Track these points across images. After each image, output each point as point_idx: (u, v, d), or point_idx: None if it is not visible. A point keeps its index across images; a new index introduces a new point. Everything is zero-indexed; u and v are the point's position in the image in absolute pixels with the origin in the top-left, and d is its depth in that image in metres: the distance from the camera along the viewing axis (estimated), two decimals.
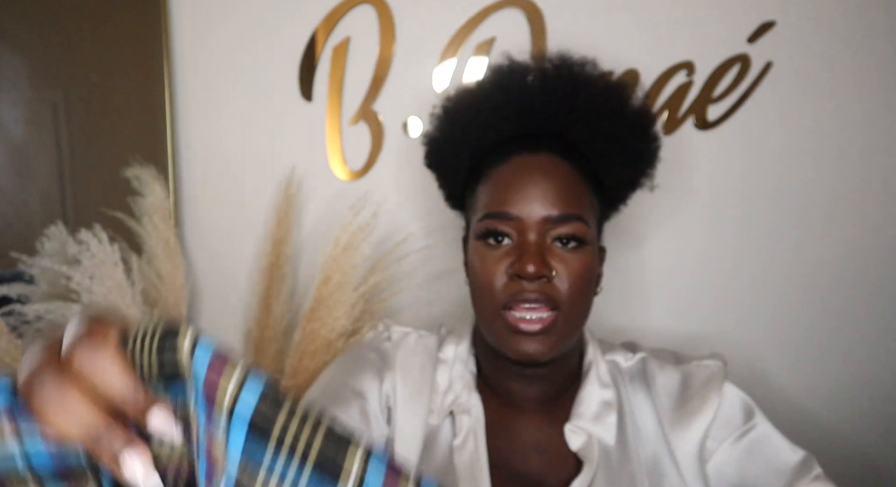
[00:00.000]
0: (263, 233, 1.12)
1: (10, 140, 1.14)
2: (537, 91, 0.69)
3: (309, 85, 1.09)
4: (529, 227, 0.65)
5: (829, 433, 1.07)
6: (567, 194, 0.65)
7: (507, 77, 0.72)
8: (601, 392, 0.71)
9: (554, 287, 0.64)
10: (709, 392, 0.69)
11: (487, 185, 0.68)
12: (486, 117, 0.70)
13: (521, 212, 0.65)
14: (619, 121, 0.69)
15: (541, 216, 0.64)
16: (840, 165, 1.01)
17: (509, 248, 0.66)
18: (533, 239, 0.64)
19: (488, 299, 0.66)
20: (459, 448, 0.69)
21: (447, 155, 0.75)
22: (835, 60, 0.99)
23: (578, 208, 0.65)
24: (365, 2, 1.05)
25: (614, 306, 1.07)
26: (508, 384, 0.72)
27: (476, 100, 0.72)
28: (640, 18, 1.01)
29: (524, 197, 0.65)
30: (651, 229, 1.07)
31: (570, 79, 0.70)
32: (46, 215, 1.13)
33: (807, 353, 1.07)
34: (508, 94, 0.70)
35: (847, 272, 1.04)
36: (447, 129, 0.75)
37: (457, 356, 0.75)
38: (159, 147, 1.11)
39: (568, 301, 0.64)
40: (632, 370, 0.74)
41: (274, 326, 1.08)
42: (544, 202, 0.64)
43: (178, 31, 1.11)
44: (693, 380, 0.71)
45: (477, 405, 0.72)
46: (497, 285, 0.65)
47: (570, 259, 0.65)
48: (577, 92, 0.69)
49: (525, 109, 0.69)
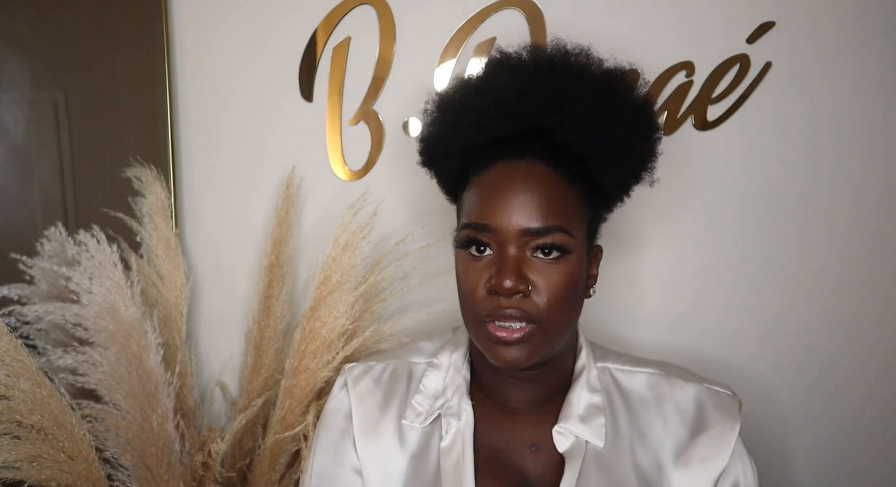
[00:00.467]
0: (263, 233, 1.12)
1: (10, 140, 1.14)
2: (523, 89, 0.67)
3: (309, 85, 1.09)
4: (508, 239, 0.64)
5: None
6: (548, 205, 0.63)
7: (493, 74, 0.70)
8: (590, 396, 0.72)
9: (531, 302, 0.64)
10: (726, 425, 0.70)
11: (471, 192, 0.68)
12: (472, 117, 0.68)
13: (499, 224, 0.64)
14: (613, 118, 0.66)
15: (520, 228, 0.63)
16: (839, 166, 1.02)
17: (489, 260, 0.65)
18: (512, 252, 0.64)
19: (470, 310, 0.67)
20: (446, 450, 0.71)
21: (438, 155, 0.75)
22: (834, 61, 0.99)
23: (560, 218, 0.64)
24: (365, 2, 1.05)
25: (605, 306, 1.08)
26: (502, 388, 0.73)
27: (462, 99, 0.71)
28: (640, 18, 1.02)
29: (503, 209, 0.64)
30: (649, 229, 1.07)
31: (560, 74, 0.67)
32: (47, 215, 1.13)
33: (808, 365, 1.07)
34: (494, 92, 0.68)
35: (847, 273, 1.04)
36: (436, 129, 0.74)
37: (451, 362, 0.77)
38: (159, 147, 1.11)
39: (546, 315, 0.64)
40: (638, 384, 0.75)
41: (274, 326, 1.08)
42: (523, 214, 0.63)
43: (178, 31, 1.11)
44: (707, 407, 0.72)
45: (467, 409, 0.73)
46: (478, 297, 0.66)
47: (551, 271, 0.64)
48: (567, 89, 0.66)
49: (510, 109, 0.67)
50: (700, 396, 0.73)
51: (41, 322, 1.01)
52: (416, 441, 0.73)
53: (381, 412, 0.75)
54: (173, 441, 0.98)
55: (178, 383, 1.01)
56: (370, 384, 0.77)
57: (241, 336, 1.13)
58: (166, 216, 1.09)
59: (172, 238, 1.09)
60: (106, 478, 0.96)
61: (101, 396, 0.96)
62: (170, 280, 1.08)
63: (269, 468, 1.03)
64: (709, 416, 0.71)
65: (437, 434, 0.73)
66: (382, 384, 0.77)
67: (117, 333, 0.94)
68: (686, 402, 0.72)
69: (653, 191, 0.78)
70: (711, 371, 0.99)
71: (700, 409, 0.72)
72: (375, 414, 0.75)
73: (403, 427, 0.74)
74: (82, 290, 0.93)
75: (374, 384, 0.77)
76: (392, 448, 0.73)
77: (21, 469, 0.90)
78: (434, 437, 0.73)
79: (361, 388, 0.77)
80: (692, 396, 0.73)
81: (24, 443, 0.90)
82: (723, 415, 0.71)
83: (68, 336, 0.99)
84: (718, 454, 0.69)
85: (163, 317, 1.06)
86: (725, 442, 0.70)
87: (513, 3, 1.02)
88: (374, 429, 0.74)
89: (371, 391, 0.77)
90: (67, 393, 0.93)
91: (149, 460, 0.96)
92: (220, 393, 1.15)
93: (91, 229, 0.97)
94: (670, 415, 0.72)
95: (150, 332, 0.97)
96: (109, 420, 0.95)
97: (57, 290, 1.05)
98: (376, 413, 0.75)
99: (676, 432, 0.71)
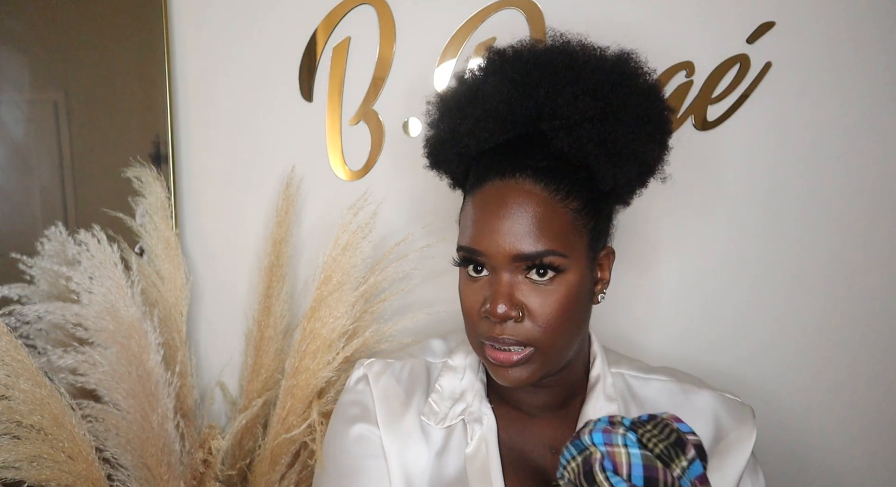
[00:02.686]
0: (263, 233, 1.12)
1: (10, 140, 1.14)
2: (514, 95, 0.65)
3: (309, 85, 1.09)
4: (500, 265, 0.63)
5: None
6: (540, 228, 0.62)
7: (483, 82, 0.67)
8: (606, 405, 0.72)
9: (525, 328, 0.63)
10: (742, 432, 0.70)
11: (465, 212, 0.67)
12: (467, 126, 0.67)
13: (488, 249, 0.63)
14: (611, 121, 0.62)
15: (511, 254, 0.62)
16: (840, 166, 1.01)
17: (486, 280, 0.65)
18: (504, 278, 0.63)
19: (470, 330, 0.68)
20: (472, 456, 0.70)
21: (441, 160, 0.74)
22: (834, 61, 0.99)
23: (553, 240, 0.62)
24: (365, 2, 1.05)
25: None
26: (515, 394, 0.73)
27: (457, 107, 0.69)
28: (640, 18, 1.01)
29: (493, 233, 0.62)
30: (647, 229, 1.07)
31: (550, 75, 0.64)
32: (47, 215, 1.13)
33: (806, 365, 1.07)
34: (485, 101, 0.66)
35: (848, 273, 1.04)
36: (436, 134, 0.73)
37: (468, 365, 0.77)
38: (160, 147, 1.11)
39: (543, 339, 0.63)
40: (652, 391, 0.74)
41: (274, 326, 1.08)
42: (513, 239, 0.62)
43: (178, 31, 1.11)
44: (722, 415, 0.72)
45: (489, 413, 0.73)
46: (475, 319, 0.66)
47: (546, 293, 0.63)
48: (557, 93, 0.63)
49: (502, 118, 0.65)
50: (714, 404, 0.73)
51: (41, 322, 1.01)
52: (440, 440, 0.73)
53: (404, 408, 0.74)
54: (173, 441, 0.98)
55: (178, 383, 1.01)
56: (392, 381, 0.76)
57: (241, 336, 1.13)
58: (166, 216, 1.08)
59: (172, 238, 1.09)
60: (106, 478, 0.95)
61: (101, 396, 0.96)
62: (170, 280, 1.08)
63: (270, 468, 1.03)
64: (725, 424, 0.71)
65: (456, 435, 0.72)
66: (403, 381, 0.77)
67: (117, 333, 0.94)
68: (702, 410, 0.72)
69: (650, 190, 0.78)
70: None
71: (716, 417, 0.72)
72: (399, 410, 0.74)
73: (424, 424, 0.73)
74: (82, 290, 0.93)
75: (395, 381, 0.76)
76: (417, 443, 0.72)
77: (21, 469, 0.90)
78: (453, 438, 0.72)
79: (384, 384, 0.76)
80: (707, 404, 0.73)
81: (24, 443, 0.90)
82: (738, 423, 0.71)
83: (68, 336, 0.99)
84: (734, 462, 0.69)
85: (163, 317, 1.06)
86: (742, 450, 0.69)
87: (513, 3, 1.02)
88: (398, 425, 0.73)
89: (393, 387, 0.76)
90: (67, 393, 0.93)
91: (149, 460, 0.96)
92: (220, 393, 1.15)
93: (91, 228, 0.97)
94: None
95: (150, 332, 0.97)
96: (109, 420, 0.95)
97: (57, 290, 1.05)
98: (400, 409, 0.74)
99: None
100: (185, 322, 1.09)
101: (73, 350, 0.94)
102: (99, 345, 0.94)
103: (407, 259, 1.05)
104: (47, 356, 0.99)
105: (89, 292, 0.93)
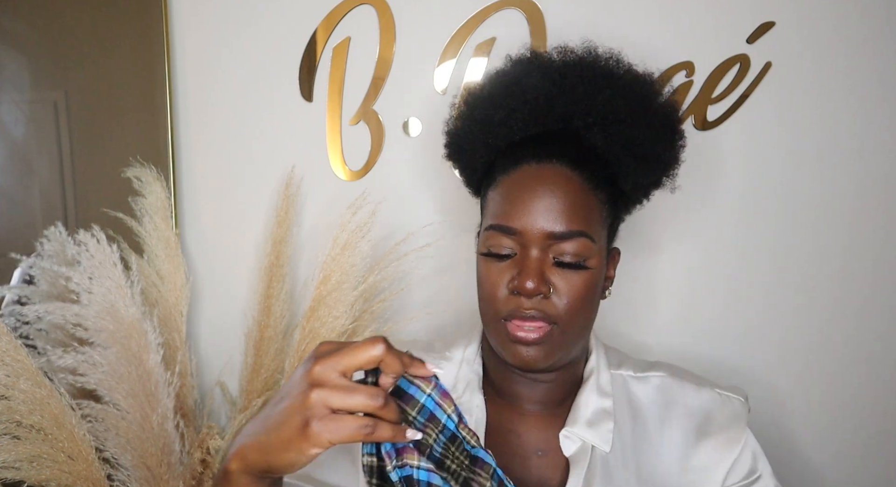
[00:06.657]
0: (263, 233, 1.12)
1: (10, 140, 1.14)
2: (552, 90, 0.68)
3: (309, 85, 1.09)
4: (532, 242, 0.64)
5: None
6: (572, 210, 0.64)
7: (523, 74, 0.71)
8: (599, 400, 0.72)
9: (551, 304, 0.65)
10: (733, 432, 0.70)
11: (496, 192, 0.68)
12: (501, 116, 0.69)
13: (523, 226, 0.64)
14: (639, 124, 0.67)
15: (544, 232, 0.64)
16: (840, 165, 1.02)
17: (512, 262, 0.66)
18: (534, 255, 0.64)
19: (490, 309, 0.68)
20: None
21: (465, 150, 0.75)
22: (834, 61, 0.99)
23: (584, 223, 0.64)
24: (365, 2, 1.05)
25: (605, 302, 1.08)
26: (513, 387, 0.73)
27: (492, 96, 0.71)
28: (640, 18, 1.02)
29: (528, 212, 0.64)
30: (647, 228, 1.07)
31: (589, 77, 0.68)
32: (47, 215, 1.13)
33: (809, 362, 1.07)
34: (524, 92, 0.68)
35: (848, 273, 1.04)
36: (464, 124, 0.74)
37: (464, 357, 0.77)
38: (160, 147, 1.11)
39: (566, 317, 0.65)
40: (649, 388, 0.74)
41: (274, 326, 1.08)
42: (548, 217, 0.64)
43: (178, 32, 1.11)
44: (716, 413, 0.72)
45: (480, 405, 0.72)
46: (499, 297, 0.66)
47: (572, 276, 0.65)
48: (595, 92, 0.67)
49: (539, 110, 0.68)
50: (709, 401, 0.72)
51: (41, 322, 1.01)
52: None
53: None
54: (173, 441, 0.98)
55: (178, 383, 1.01)
56: None
57: (241, 336, 1.13)
58: (166, 216, 1.08)
59: (172, 238, 1.09)
60: (106, 478, 0.96)
61: (101, 396, 0.96)
62: (170, 280, 1.08)
63: None
64: (716, 422, 0.71)
65: None
66: None
67: (117, 333, 0.94)
68: (695, 407, 0.72)
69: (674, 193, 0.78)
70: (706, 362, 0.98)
71: (708, 415, 0.71)
72: None
73: None
74: (82, 290, 0.93)
75: None
76: None
77: (21, 469, 0.90)
78: None
79: None
80: (701, 401, 0.72)
81: (24, 443, 0.90)
82: (730, 422, 0.71)
83: (68, 336, 0.99)
84: (721, 460, 0.69)
85: (163, 317, 1.06)
86: (730, 450, 0.69)
87: (513, 3, 1.02)
88: None
89: None
90: (67, 393, 0.93)
91: (149, 460, 0.96)
92: (220, 393, 1.15)
93: (91, 228, 0.97)
94: (678, 420, 0.71)
95: (150, 332, 0.97)
96: (109, 420, 0.95)
97: (57, 290, 1.05)
98: None
99: (684, 438, 0.70)
100: (185, 322, 1.09)
101: (73, 350, 0.94)
102: (99, 345, 0.94)
103: (406, 259, 1.05)
104: (47, 356, 0.99)
105: (89, 293, 0.93)
